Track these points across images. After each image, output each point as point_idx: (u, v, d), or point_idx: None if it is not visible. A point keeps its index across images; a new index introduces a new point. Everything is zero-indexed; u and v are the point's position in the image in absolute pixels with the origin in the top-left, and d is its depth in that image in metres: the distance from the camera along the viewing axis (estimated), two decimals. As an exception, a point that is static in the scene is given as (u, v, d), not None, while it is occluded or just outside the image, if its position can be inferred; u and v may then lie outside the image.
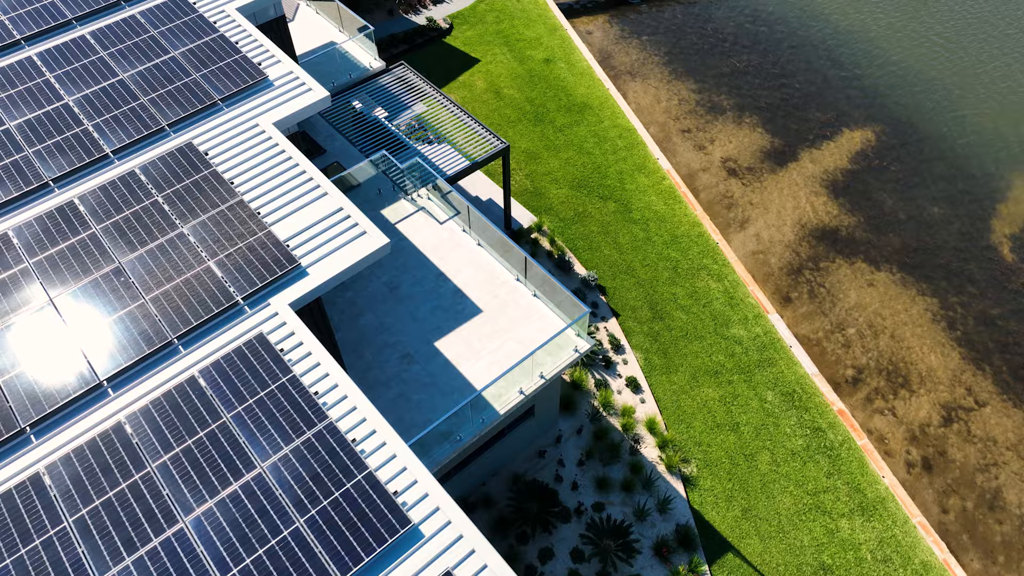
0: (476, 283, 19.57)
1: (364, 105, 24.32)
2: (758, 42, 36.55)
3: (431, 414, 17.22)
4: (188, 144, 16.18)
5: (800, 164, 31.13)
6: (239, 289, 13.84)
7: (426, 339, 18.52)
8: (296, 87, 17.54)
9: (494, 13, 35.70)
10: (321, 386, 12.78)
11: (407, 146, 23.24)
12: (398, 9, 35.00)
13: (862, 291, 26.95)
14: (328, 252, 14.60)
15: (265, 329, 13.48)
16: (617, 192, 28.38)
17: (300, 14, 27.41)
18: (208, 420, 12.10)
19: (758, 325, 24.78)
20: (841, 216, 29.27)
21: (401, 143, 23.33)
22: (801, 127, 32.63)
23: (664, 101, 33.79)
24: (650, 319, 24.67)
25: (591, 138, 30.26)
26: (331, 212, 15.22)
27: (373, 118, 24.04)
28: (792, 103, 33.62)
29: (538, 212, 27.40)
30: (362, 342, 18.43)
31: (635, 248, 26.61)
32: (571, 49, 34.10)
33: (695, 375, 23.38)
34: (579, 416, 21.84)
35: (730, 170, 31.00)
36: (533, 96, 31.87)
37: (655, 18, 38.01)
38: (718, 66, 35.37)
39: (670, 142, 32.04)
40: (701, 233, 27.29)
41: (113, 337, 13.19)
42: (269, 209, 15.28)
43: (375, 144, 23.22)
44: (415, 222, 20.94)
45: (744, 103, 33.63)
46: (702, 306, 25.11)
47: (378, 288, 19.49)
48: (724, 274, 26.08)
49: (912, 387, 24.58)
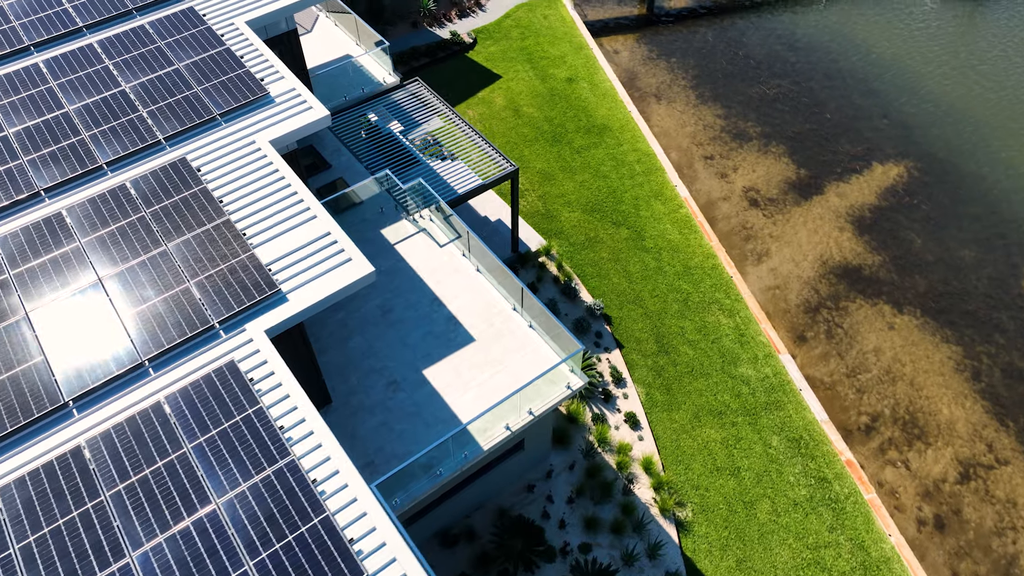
0: (472, 310, 19.10)
1: (375, 120, 24.06)
2: (791, 69, 35.63)
3: (412, 446, 16.77)
4: (182, 159, 15.99)
5: (825, 197, 30.17)
6: (216, 313, 13.55)
7: (415, 366, 18.08)
8: (297, 105, 17.28)
9: (520, 29, 35.32)
10: (288, 420, 12.40)
11: (415, 164, 22.90)
12: (422, 22, 34.81)
13: (882, 334, 25.91)
14: (310, 278, 14.25)
15: (237, 356, 13.15)
16: (631, 218, 27.73)
17: (319, 25, 27.30)
18: (168, 450, 11.79)
19: (768, 365, 23.91)
20: (865, 254, 28.24)
21: (409, 161, 23.00)
22: (829, 159, 31.64)
23: (689, 125, 33.05)
24: (655, 352, 23.95)
25: (608, 161, 29.67)
26: (318, 236, 14.89)
27: (382, 133, 23.75)
28: (822, 133, 32.65)
29: (548, 235, 26.87)
30: (349, 366, 18.06)
31: (645, 277, 25.93)
32: (595, 69, 33.56)
33: (698, 414, 22.60)
34: (572, 451, 21.21)
35: (752, 200, 30.14)
36: (552, 115, 31.38)
37: (686, 40, 37.31)
38: (747, 92, 34.53)
39: (691, 168, 31.29)
40: (715, 265, 26.50)
41: (84, 356, 12.97)
42: (256, 230, 15.00)
43: (381, 160, 22.93)
44: (415, 244, 20.56)
45: (771, 131, 32.74)
46: (710, 342, 24.32)
47: (371, 311, 19.12)
48: (736, 310, 25.26)
49: (929, 439, 23.49)
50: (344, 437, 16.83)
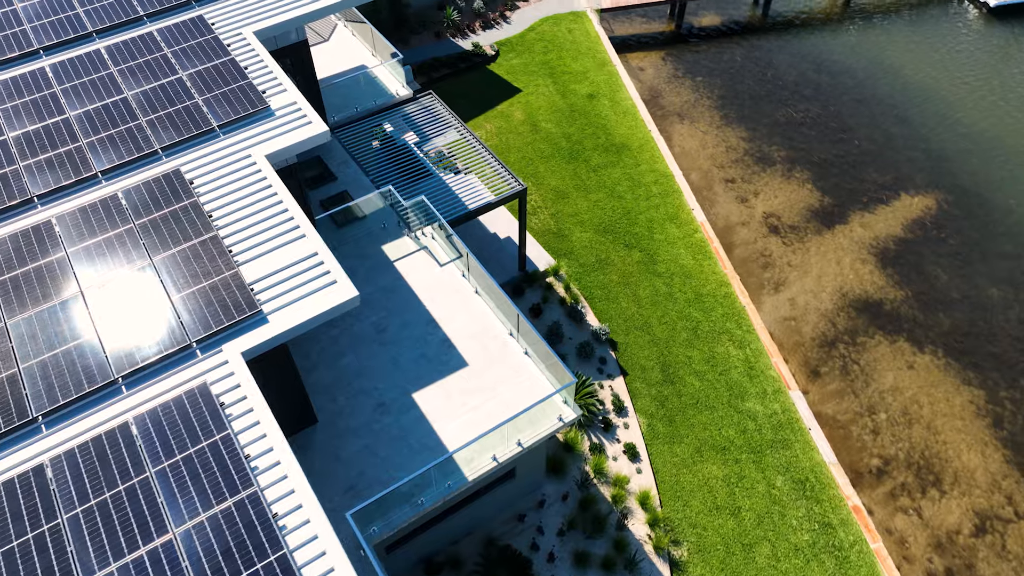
0: (467, 334, 18.66)
1: (384, 133, 23.77)
2: (820, 92, 34.70)
3: (396, 472, 16.35)
4: (175, 171, 15.81)
5: (849, 227, 29.21)
6: (194, 331, 13.28)
7: (405, 389, 17.68)
8: (296, 119, 17.02)
9: (543, 43, 34.89)
10: (255, 448, 12.06)
11: (424, 177, 22.55)
12: (446, 32, 34.55)
13: (900, 373, 24.92)
14: (293, 300, 13.92)
15: (210, 378, 12.86)
16: (644, 241, 27.08)
17: (336, 34, 27.15)
18: (131, 473, 11.51)
19: (776, 401, 23.10)
20: (887, 288, 27.25)
21: (417, 174, 22.66)
22: (855, 187, 30.67)
23: (711, 147, 32.31)
24: (660, 382, 23.27)
25: (625, 181, 29.06)
26: (305, 256, 14.57)
27: (394, 145, 23.45)
28: (849, 160, 31.69)
29: (558, 255, 26.34)
30: (338, 385, 17.72)
31: (655, 303, 25.26)
32: (617, 86, 32.99)
33: (700, 449, 21.88)
34: (567, 481, 20.63)
35: (772, 227, 29.30)
36: (571, 132, 30.87)
37: (713, 59, 36.56)
38: (773, 114, 33.68)
39: (711, 191, 30.55)
40: (728, 294, 25.74)
41: (57, 371, 12.78)
42: (243, 247, 14.73)
43: (391, 172, 22.62)
44: (415, 261, 20.19)
45: (796, 156, 31.86)
46: (718, 374, 23.57)
47: (365, 329, 18.77)
48: (747, 341, 24.48)
49: (944, 487, 22.48)
50: (327, 459, 16.48)
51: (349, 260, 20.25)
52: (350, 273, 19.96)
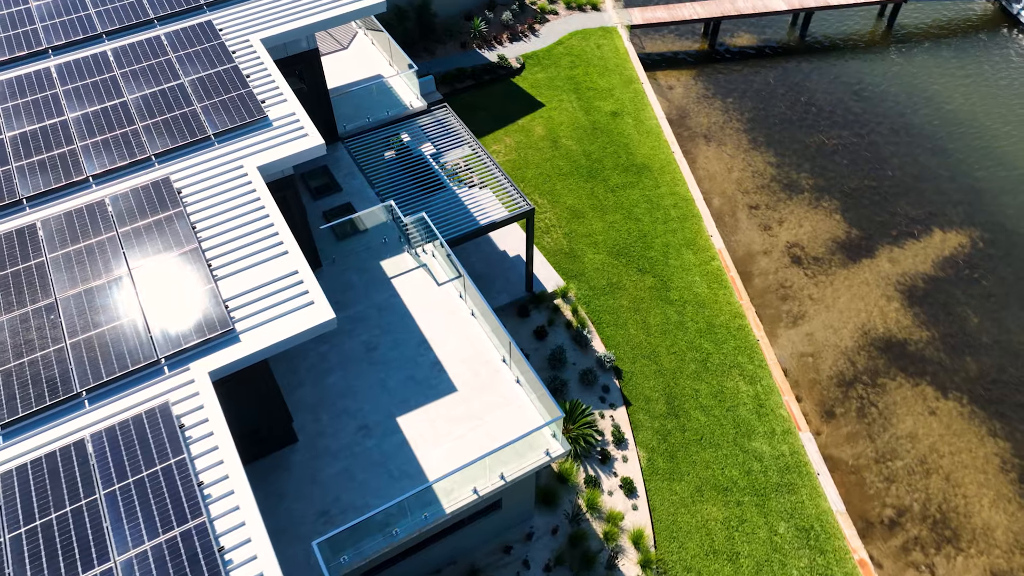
0: (459, 357, 18.09)
1: (401, 143, 23.37)
2: (854, 119, 33.49)
3: (372, 499, 15.82)
4: (165, 179, 15.54)
5: (876, 262, 28.00)
6: (163, 347, 12.92)
7: (390, 412, 17.16)
8: (293, 131, 16.68)
9: (570, 58, 34.29)
10: (210, 475, 11.62)
11: (431, 192, 22.08)
12: (472, 43, 34.16)
13: (921, 419, 23.69)
14: (268, 319, 13.50)
15: (173, 398, 12.47)
16: (658, 266, 26.25)
17: (355, 42, 26.89)
18: (80, 494, 11.15)
19: (785, 442, 22.07)
20: (913, 328, 26.01)
21: (425, 188, 22.20)
22: (885, 220, 29.44)
23: (736, 171, 31.34)
24: (664, 415, 22.42)
25: (643, 203, 28.27)
26: (285, 274, 14.15)
27: (404, 157, 23.04)
28: (880, 192, 30.45)
29: (568, 276, 25.65)
30: (323, 404, 17.28)
31: (665, 332, 24.41)
32: (643, 105, 32.22)
33: (701, 488, 20.96)
34: (558, 514, 19.89)
35: (794, 257, 28.23)
36: (591, 150, 30.19)
37: (745, 80, 35.58)
38: (804, 140, 32.58)
39: (733, 217, 29.58)
40: (742, 326, 24.77)
41: (20, 381, 12.51)
42: (223, 261, 14.37)
43: (394, 187, 22.19)
44: (413, 279, 19.70)
45: (825, 185, 30.73)
46: (725, 409, 22.63)
47: (355, 347, 18.32)
48: (759, 377, 23.49)
49: (961, 544, 21.23)
50: (303, 482, 16.02)
51: (347, 274, 19.85)
52: (347, 287, 19.56)
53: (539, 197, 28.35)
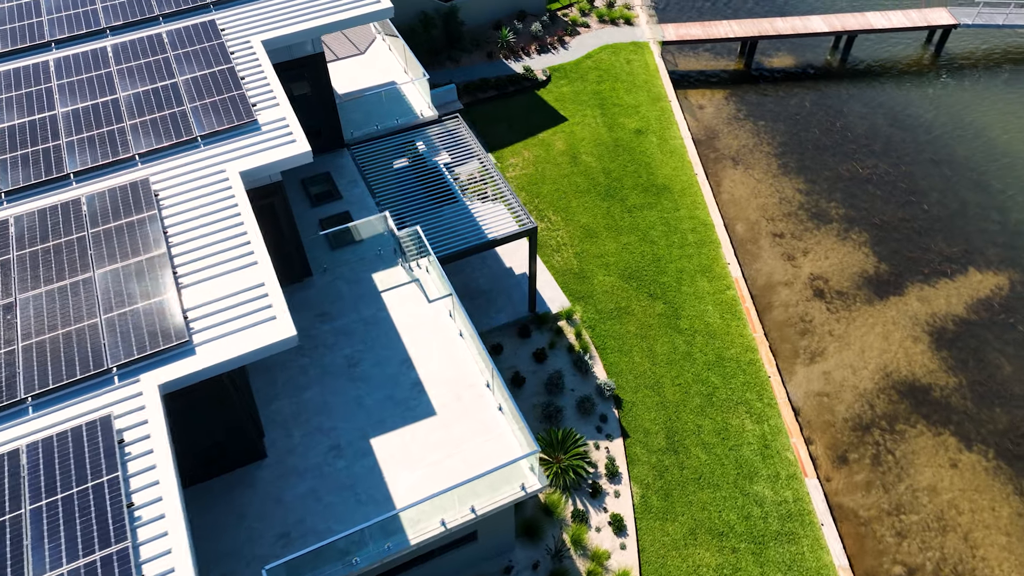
0: (442, 379, 17.36)
1: (408, 153, 22.80)
2: (892, 148, 31.97)
3: (336, 524, 15.14)
4: (144, 180, 15.16)
5: (904, 300, 26.51)
6: (115, 356, 12.45)
7: (364, 432, 16.49)
8: (281, 137, 16.18)
9: (598, 72, 33.44)
10: (143, 495, 11.06)
11: (430, 206, 21.44)
12: (499, 53, 33.54)
13: (941, 472, 22.20)
14: (227, 332, 12.95)
15: (117, 411, 11.97)
16: (670, 292, 25.19)
17: (373, 47, 26.46)
18: (6, 508, 10.68)
19: (789, 488, 20.82)
20: (939, 373, 24.48)
21: (424, 201, 21.58)
22: (918, 256, 27.90)
23: (763, 196, 30.10)
24: (662, 449, 21.35)
25: (660, 225, 27.24)
26: (251, 286, 13.59)
27: (407, 169, 22.47)
28: (914, 226, 28.92)
29: (575, 298, 24.75)
30: (296, 420, 16.69)
31: (671, 362, 23.34)
32: (669, 123, 31.19)
33: (695, 530, 19.85)
34: (540, 548, 18.97)
35: (817, 290, 26.89)
36: (611, 168, 29.27)
37: (780, 102, 34.29)
38: (837, 167, 31.18)
39: (756, 244, 28.35)
40: (753, 360, 23.56)
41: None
42: (190, 269, 13.88)
43: (395, 199, 21.60)
44: (403, 294, 19.06)
45: (856, 216, 29.30)
46: (728, 448, 21.47)
47: (337, 361, 17.72)
48: (766, 416, 22.26)
49: (974, 610, 19.73)
50: (267, 500, 15.43)
51: (337, 284, 19.30)
52: (336, 298, 19.00)
53: (553, 214, 27.54)
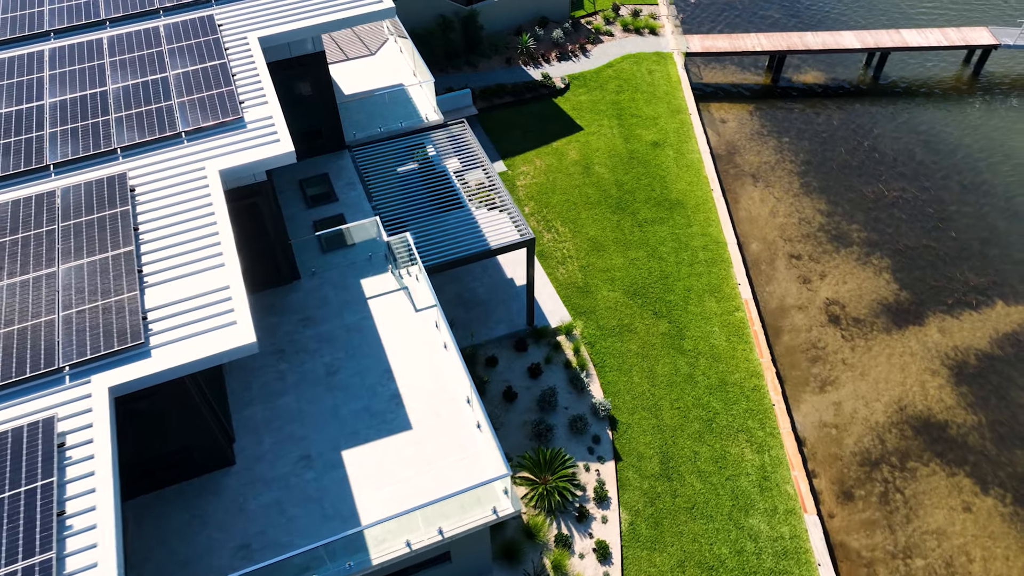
0: (422, 392, 16.76)
1: (417, 157, 22.32)
2: (921, 171, 30.69)
3: (299, 538, 14.61)
4: (121, 175, 14.85)
5: (924, 330, 25.29)
6: (68, 355, 12.08)
7: (337, 443, 15.96)
8: (265, 136, 15.77)
9: (618, 82, 32.69)
10: (77, 504, 10.63)
11: (428, 212, 20.92)
12: (518, 59, 32.99)
13: (953, 515, 20.99)
14: (185, 335, 12.50)
15: (63, 412, 11.57)
16: (676, 312, 24.31)
17: (384, 49, 26.07)
18: (-62, 507, 10.31)
19: (787, 523, 19.81)
20: (957, 409, 23.24)
21: (423, 207, 21.06)
22: (941, 285, 26.64)
23: (782, 216, 29.06)
24: (656, 475, 20.49)
25: (670, 241, 26.38)
26: (215, 288, 13.15)
27: (403, 173, 21.98)
28: (940, 253, 27.64)
29: (577, 313, 24.01)
30: (269, 426, 16.22)
31: (671, 384, 22.47)
32: (687, 136, 30.32)
33: (684, 563, 18.95)
34: (519, 572, 18.24)
35: (832, 316, 25.79)
36: (624, 180, 28.49)
37: (806, 119, 33.19)
38: (861, 189, 30.01)
39: (771, 265, 27.32)
40: (758, 387, 22.57)
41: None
42: (157, 268, 13.50)
43: (392, 203, 21.12)
44: (390, 302, 18.52)
45: (878, 240, 28.11)
46: (725, 478, 20.53)
47: (316, 368, 17.23)
48: (768, 446, 21.27)
49: (980, 666, 18.53)
50: (231, 509, 14.96)
51: (324, 288, 18.85)
52: (321, 303, 18.54)
53: (561, 225, 26.85)
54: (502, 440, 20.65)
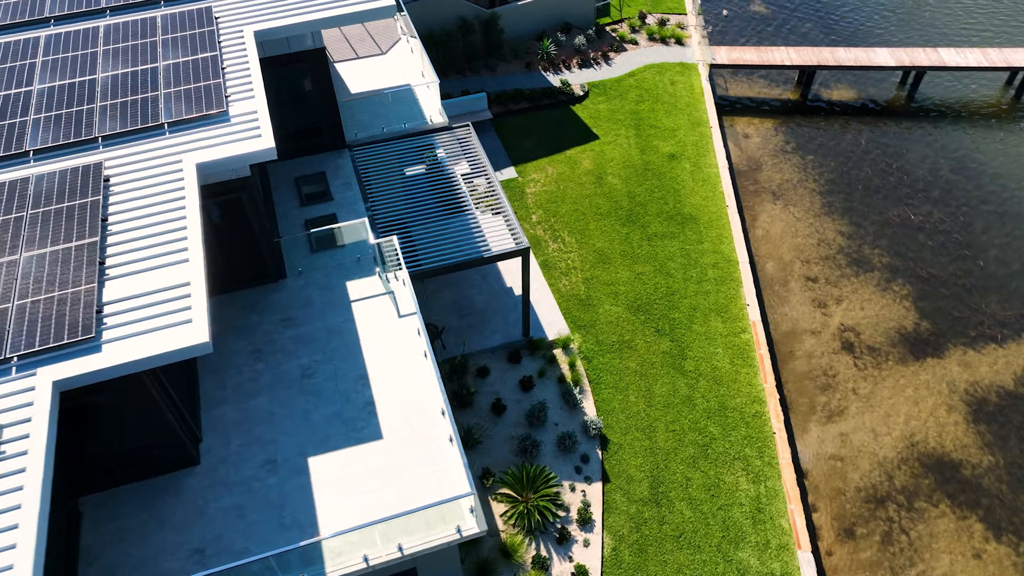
0: (396, 401, 16.23)
1: (426, 159, 21.88)
2: (951, 196, 29.36)
3: (254, 545, 14.16)
4: (97, 164, 14.62)
5: (944, 363, 24.05)
6: (16, 345, 11.80)
7: (304, 449, 15.50)
8: (247, 130, 15.43)
9: (639, 91, 31.92)
10: (0, 501, 10.27)
11: (425, 215, 20.45)
12: (538, 64, 32.42)
13: (961, 561, 19.80)
14: (139, 331, 12.15)
15: (3, 404, 11.26)
16: (679, 330, 23.45)
17: (395, 49, 25.71)
18: None
19: (778, 559, 18.82)
20: (973, 449, 22.00)
21: (420, 210, 20.59)
22: (965, 316, 25.34)
23: (801, 236, 28.00)
24: (644, 500, 19.67)
25: (679, 257, 25.52)
26: (176, 284, 12.79)
27: (402, 175, 21.53)
28: (965, 283, 26.34)
29: (577, 326, 23.29)
30: (238, 428, 15.83)
31: (668, 405, 21.62)
32: (706, 150, 29.43)
33: (666, 595, 18.10)
34: (491, 594, 17.59)
35: (846, 343, 24.68)
36: (637, 192, 27.71)
37: (833, 137, 32.04)
38: (887, 212, 28.80)
39: (785, 286, 26.29)
40: (759, 413, 21.60)
41: None
42: (120, 260, 13.19)
43: (388, 205, 20.68)
44: (374, 306, 18.05)
45: (901, 266, 26.90)
46: (717, 507, 19.61)
47: (292, 369, 16.82)
48: (765, 476, 20.30)
49: None
50: (190, 511, 14.59)
51: (309, 289, 18.46)
52: (305, 303, 18.15)
53: (567, 235, 26.17)
54: (486, 454, 20.03)
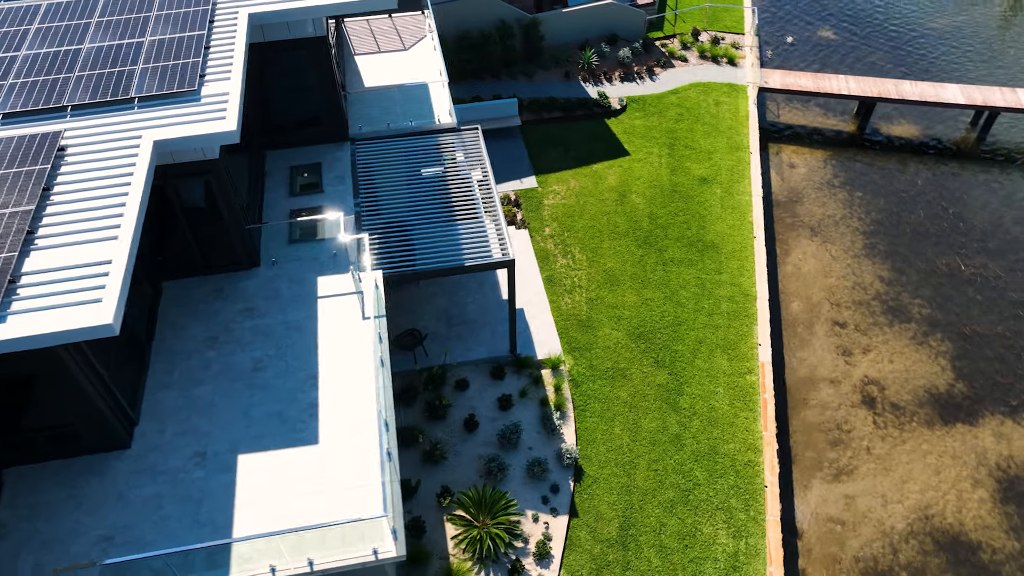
0: (342, 405, 15.45)
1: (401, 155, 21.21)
2: (1010, 248, 26.78)
3: (161, 539, 13.57)
4: (55, 133, 14.42)
5: (976, 431, 21.75)
6: (-75, 307, 11.52)
7: (236, 446, 14.87)
8: (213, 112, 14.98)
9: (679, 109, 30.45)
10: None
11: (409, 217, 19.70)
12: (578, 74, 31.36)
13: (963, 655, 17.64)
14: (46, 306, 11.72)
15: None
16: (680, 364, 21.92)
17: (418, 47, 25.15)
18: None
19: (747, 627, 17.12)
20: (996, 531, 19.71)
21: (409, 211, 19.86)
22: (1007, 383, 22.92)
23: (835, 276, 25.99)
24: (611, 541, 18.27)
25: (694, 286, 23.97)
26: (97, 261, 12.34)
27: (397, 174, 20.84)
28: (1013, 344, 23.86)
29: (571, 348, 22.07)
30: (176, 415, 15.34)
31: (655, 442, 20.15)
32: (741, 176, 27.73)
33: (616, 649, 16.67)
34: (426, 622, 16.55)
35: (867, 397, 22.63)
36: (659, 214, 26.28)
37: (887, 175, 29.80)
38: (934, 260, 26.47)
39: (810, 329, 24.38)
40: (752, 463, 19.88)
41: None
42: (51, 232, 12.86)
43: (378, 202, 20.01)
44: (341, 305, 17.35)
45: (942, 319, 24.60)
46: (688, 559, 18.04)
47: (243, 361, 16.25)
48: (747, 532, 18.59)
49: None
50: (109, 495, 14.14)
51: (278, 281, 17.92)
52: (272, 295, 17.61)
53: (579, 252, 24.97)
54: (450, 472, 19.03)
